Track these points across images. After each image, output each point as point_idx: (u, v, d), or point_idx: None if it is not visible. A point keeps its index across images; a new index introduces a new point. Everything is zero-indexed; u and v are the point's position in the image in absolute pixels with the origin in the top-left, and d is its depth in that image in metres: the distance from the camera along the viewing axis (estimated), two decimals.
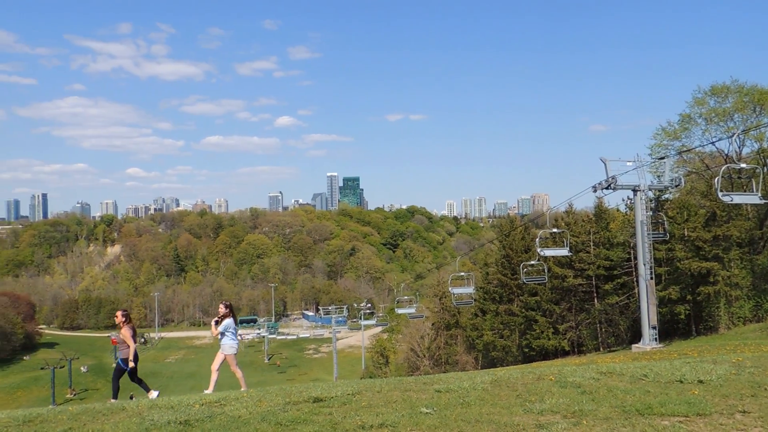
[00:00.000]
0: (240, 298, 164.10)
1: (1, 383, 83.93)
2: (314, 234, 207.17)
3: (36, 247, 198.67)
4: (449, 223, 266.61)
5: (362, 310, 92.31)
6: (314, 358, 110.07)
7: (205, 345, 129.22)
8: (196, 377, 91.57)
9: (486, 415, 7.01)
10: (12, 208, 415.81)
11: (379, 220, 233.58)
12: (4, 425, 7.87)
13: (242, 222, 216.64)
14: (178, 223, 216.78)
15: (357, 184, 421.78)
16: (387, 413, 7.28)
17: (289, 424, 6.92)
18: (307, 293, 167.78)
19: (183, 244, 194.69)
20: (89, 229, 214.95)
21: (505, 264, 49.06)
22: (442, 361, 56.10)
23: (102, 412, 8.53)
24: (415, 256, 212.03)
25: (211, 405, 8.54)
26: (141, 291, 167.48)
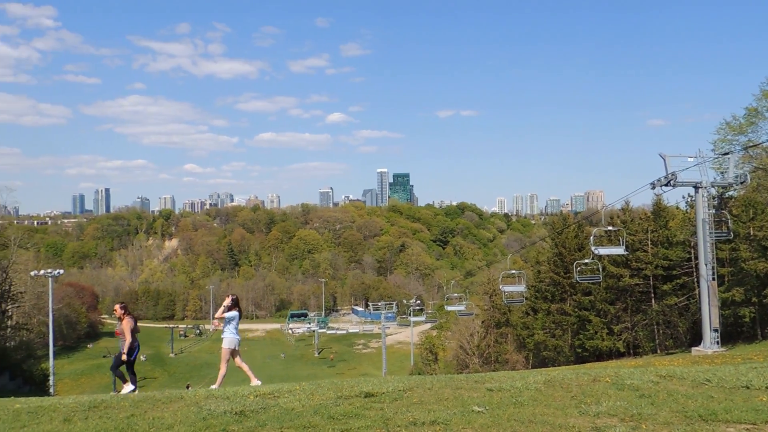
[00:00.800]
0: (291, 292, 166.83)
1: (67, 369, 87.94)
2: (364, 230, 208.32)
3: (99, 240, 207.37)
4: (500, 220, 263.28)
5: (411, 307, 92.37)
6: (363, 353, 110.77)
7: (257, 337, 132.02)
8: None
9: (540, 416, 6.89)
10: (77, 203, 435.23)
11: (428, 216, 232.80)
12: (72, 410, 8.25)
13: (294, 217, 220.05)
14: (232, 218, 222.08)
15: (407, 181, 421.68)
16: (438, 410, 7.25)
17: (341, 418, 6.98)
18: (356, 289, 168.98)
19: (237, 239, 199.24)
20: (148, 223, 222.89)
21: (557, 262, 48.09)
22: (492, 359, 55.52)
23: (161, 400, 8.83)
24: (465, 253, 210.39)
25: (264, 396, 8.71)
26: (197, 284, 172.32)
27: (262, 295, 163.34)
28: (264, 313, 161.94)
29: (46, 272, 48.04)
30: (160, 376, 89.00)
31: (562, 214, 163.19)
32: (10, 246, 59.29)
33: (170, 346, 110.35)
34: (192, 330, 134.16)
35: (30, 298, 63.03)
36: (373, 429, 6.49)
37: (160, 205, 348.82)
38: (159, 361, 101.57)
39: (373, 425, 6.63)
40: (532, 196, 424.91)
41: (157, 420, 7.25)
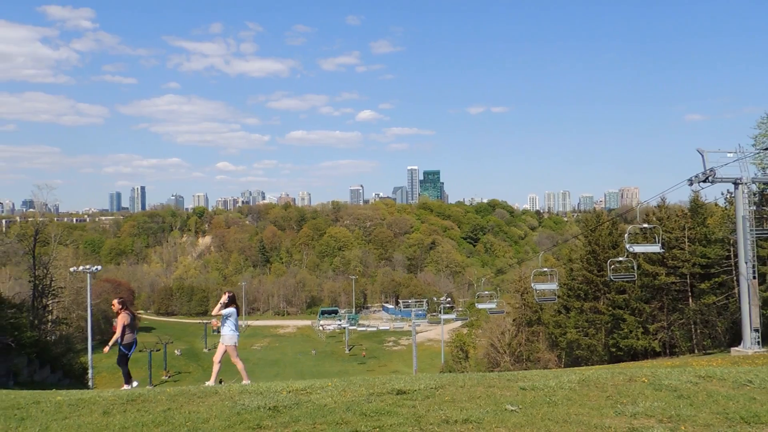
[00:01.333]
0: (322, 289, 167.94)
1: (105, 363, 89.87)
2: (394, 227, 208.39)
3: (135, 237, 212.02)
4: (531, 217, 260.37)
5: (442, 304, 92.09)
6: (394, 350, 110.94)
7: (288, 334, 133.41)
8: (279, 364, 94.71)
9: (574, 416, 6.79)
10: (114, 200, 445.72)
11: (459, 213, 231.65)
12: (111, 403, 8.46)
13: (324, 215, 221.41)
14: (264, 216, 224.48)
15: (437, 178, 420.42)
16: (471, 409, 7.21)
17: (374, 415, 6.99)
18: (387, 286, 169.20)
19: (268, 236, 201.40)
20: (182, 221, 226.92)
21: (590, 260, 47.36)
22: (524, 358, 55.00)
23: (197, 394, 8.98)
24: (496, 250, 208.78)
25: (297, 392, 8.78)
26: (229, 280, 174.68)
27: (293, 292, 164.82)
28: (295, 309, 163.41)
29: (85, 268, 49.29)
30: (194, 371, 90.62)
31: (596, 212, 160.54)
32: (51, 243, 60.95)
33: (203, 341, 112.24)
34: None
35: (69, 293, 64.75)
36: (406, 426, 6.49)
37: (194, 203, 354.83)
38: (193, 356, 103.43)
39: (406, 422, 6.63)
40: (565, 193, 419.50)
41: (192, 414, 7.38)
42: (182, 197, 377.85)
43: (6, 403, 9.04)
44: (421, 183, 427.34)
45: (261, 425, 6.69)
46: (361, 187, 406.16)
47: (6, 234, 76.77)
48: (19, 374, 34.67)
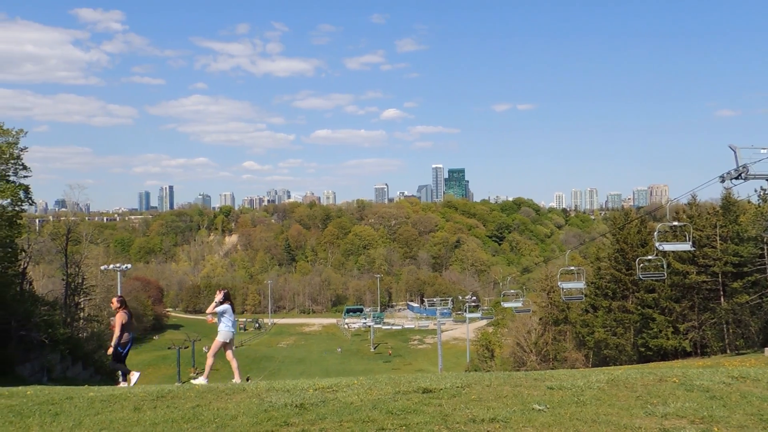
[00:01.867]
0: (347, 287, 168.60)
1: (135, 360, 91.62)
2: (419, 226, 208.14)
3: (164, 235, 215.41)
4: (557, 215, 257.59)
5: (467, 303, 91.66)
6: (419, 349, 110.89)
7: (314, 332, 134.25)
8: (305, 362, 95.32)
9: (603, 416, 6.70)
10: (143, 200, 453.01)
11: (484, 212, 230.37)
12: (141, 399, 8.61)
13: (349, 213, 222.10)
14: (290, 214, 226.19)
15: (462, 176, 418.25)
16: (498, 408, 7.16)
17: (400, 413, 7.00)
18: (411, 284, 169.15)
19: (294, 235, 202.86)
20: (209, 220, 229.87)
21: (618, 258, 46.71)
22: (550, 357, 54.50)
23: (225, 391, 9.09)
24: (522, 249, 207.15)
25: (323, 390, 8.83)
26: (255, 279, 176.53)
27: (318, 290, 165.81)
28: (320, 308, 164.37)
29: (115, 267, 50.18)
30: (222, 368, 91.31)
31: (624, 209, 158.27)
32: (82, 241, 62.24)
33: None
34: (251, 324, 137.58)
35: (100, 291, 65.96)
36: (432, 425, 6.48)
37: (221, 202, 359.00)
38: (220, 353, 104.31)
39: (432, 421, 6.62)
40: (592, 190, 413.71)
41: (221, 411, 7.47)
42: (209, 196, 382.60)
43: (41, 398, 9.26)
44: (446, 181, 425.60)
45: (288, 422, 6.74)
46: (385, 186, 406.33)
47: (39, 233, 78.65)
48: (53, 370, 35.53)
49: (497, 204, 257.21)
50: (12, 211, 38.89)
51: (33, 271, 57.61)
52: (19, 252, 41.45)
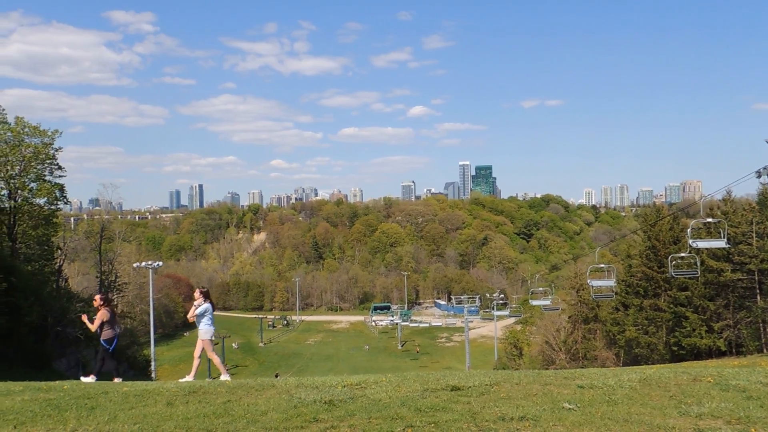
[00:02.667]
0: (374, 285, 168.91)
1: (166, 356, 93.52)
2: (446, 223, 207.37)
3: (194, 233, 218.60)
4: (587, 212, 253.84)
5: (495, 301, 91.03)
6: (446, 347, 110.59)
7: (341, 329, 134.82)
8: (333, 359, 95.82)
9: (636, 416, 6.60)
10: (174, 198, 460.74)
11: (512, 209, 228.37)
12: (174, 394, 8.77)
13: (376, 211, 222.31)
14: (317, 212, 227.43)
15: (489, 173, 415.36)
16: (527, 406, 7.11)
17: (429, 411, 7.00)
18: (439, 282, 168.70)
19: (321, 232, 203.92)
20: (238, 218, 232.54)
21: (650, 256, 45.86)
22: (580, 355, 53.81)
23: (255, 387, 9.20)
24: (550, 246, 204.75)
25: (352, 387, 8.87)
26: (283, 276, 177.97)
27: (345, 288, 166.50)
28: (348, 305, 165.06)
29: (147, 264, 51.13)
30: (251, 364, 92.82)
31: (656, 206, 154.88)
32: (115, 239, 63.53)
33: (260, 335, 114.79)
34: (280, 321, 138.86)
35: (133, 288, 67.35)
36: (461, 423, 6.46)
37: (249, 200, 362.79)
38: (249, 349, 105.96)
39: (461, 419, 6.60)
40: (623, 187, 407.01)
41: (251, 406, 7.57)
42: (238, 194, 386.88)
43: (77, 392, 9.50)
44: (473, 178, 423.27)
45: (317, 418, 6.79)
46: (412, 183, 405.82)
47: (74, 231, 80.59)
48: (88, 365, 36.35)
49: (525, 201, 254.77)
50: (48, 210, 39.92)
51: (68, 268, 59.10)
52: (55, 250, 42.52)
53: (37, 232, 39.34)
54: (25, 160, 37.26)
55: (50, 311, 32.54)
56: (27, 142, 37.58)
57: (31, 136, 37.90)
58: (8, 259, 30.27)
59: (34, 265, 37.79)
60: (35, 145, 37.90)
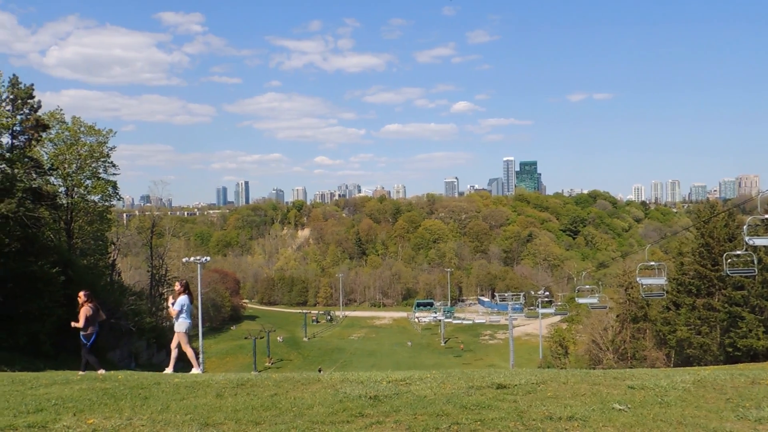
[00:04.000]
0: (417, 281, 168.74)
1: (214, 349, 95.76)
2: (490, 219, 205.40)
3: (240, 229, 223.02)
4: (636, 208, 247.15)
5: (540, 298, 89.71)
6: (490, 344, 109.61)
7: (384, 325, 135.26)
8: (376, 355, 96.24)
9: (690, 418, 6.40)
10: (221, 195, 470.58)
11: (557, 205, 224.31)
12: (223, 386, 8.97)
13: (419, 207, 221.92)
14: (360, 209, 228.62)
15: (534, 169, 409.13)
16: (576, 406, 6.98)
17: (474, 409, 6.94)
18: (482, 279, 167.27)
19: (364, 229, 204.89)
20: (283, 214, 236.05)
21: (703, 254, 44.30)
22: (628, 355, 52.46)
23: (301, 381, 9.32)
24: (598, 243, 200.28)
25: (397, 383, 8.88)
26: (327, 272, 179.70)
27: (388, 284, 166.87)
28: (391, 301, 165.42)
29: (196, 259, 52.38)
30: (295, 359, 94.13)
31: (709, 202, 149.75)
32: (165, 235, 65.38)
33: (303, 330, 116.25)
34: (323, 316, 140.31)
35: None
36: (507, 421, 6.39)
37: (293, 197, 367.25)
38: (294, 344, 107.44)
39: (507, 417, 6.53)
40: (674, 182, 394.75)
41: (298, 400, 7.67)
42: (282, 191, 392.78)
43: (131, 382, 9.83)
44: (518, 174, 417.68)
45: (363, 413, 6.83)
46: (455, 180, 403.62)
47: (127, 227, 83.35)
48: (140, 356, 37.57)
49: (571, 197, 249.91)
50: (102, 206, 41.39)
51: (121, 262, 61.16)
52: (109, 245, 44.06)
53: (92, 227, 40.86)
54: (81, 158, 38.71)
55: (104, 304, 33.64)
56: (83, 141, 39.05)
57: (87, 135, 39.37)
58: (66, 253, 31.49)
59: (89, 260, 39.26)
60: (90, 144, 39.34)
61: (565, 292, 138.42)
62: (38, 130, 33.06)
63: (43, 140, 35.87)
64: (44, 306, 24.02)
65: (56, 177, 37.11)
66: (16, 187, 25.75)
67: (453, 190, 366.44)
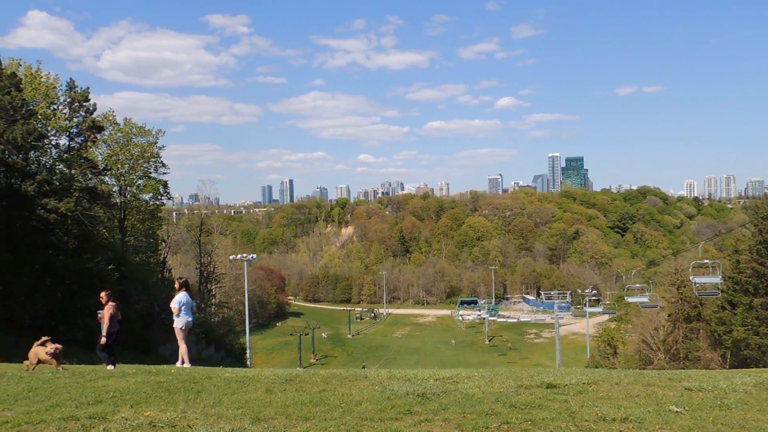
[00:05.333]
0: (461, 279, 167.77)
1: (260, 345, 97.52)
2: (535, 216, 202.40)
3: (285, 227, 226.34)
4: (688, 204, 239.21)
5: (587, 297, 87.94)
6: (535, 343, 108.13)
7: (428, 323, 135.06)
8: (420, 353, 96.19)
9: (752, 422, 6.15)
10: (266, 193, 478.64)
11: (605, 201, 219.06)
12: (272, 382, 9.11)
13: (463, 204, 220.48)
14: (403, 206, 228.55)
15: (581, 165, 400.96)
16: (630, 407, 6.80)
17: (524, 408, 6.84)
18: (527, 277, 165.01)
19: (407, 226, 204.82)
20: (327, 212, 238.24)
21: (762, 251, 42.56)
22: (681, 356, 50.86)
23: (348, 378, 9.38)
24: (647, 240, 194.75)
25: (444, 381, 8.84)
26: (371, 269, 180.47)
27: (432, 282, 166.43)
28: (434, 299, 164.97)
29: (242, 256, 53.41)
30: (340, 355, 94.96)
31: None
32: (213, 233, 66.85)
33: (348, 327, 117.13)
34: (367, 313, 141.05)
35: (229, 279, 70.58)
36: (559, 422, 6.27)
37: (337, 194, 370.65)
38: (338, 341, 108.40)
39: (558, 417, 6.40)
40: (729, 177, 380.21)
41: (346, 396, 7.71)
42: (326, 189, 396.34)
43: (183, 376, 10.10)
44: (563, 170, 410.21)
45: (411, 411, 6.81)
46: (499, 176, 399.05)
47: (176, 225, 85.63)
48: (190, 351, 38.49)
49: (619, 193, 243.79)
50: (153, 205, 42.65)
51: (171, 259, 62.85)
52: (160, 242, 45.34)
53: (144, 225, 42.16)
54: (133, 158, 40.00)
55: (156, 300, 34.73)
56: (134, 142, 40.34)
57: (138, 136, 40.64)
58: (119, 250, 32.56)
59: (141, 257, 40.52)
60: (142, 144, 40.59)
61: (613, 290, 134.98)
62: (93, 132, 34.28)
63: (98, 141, 37.17)
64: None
65: (110, 176, 38.44)
66: (73, 186, 26.76)
67: (497, 187, 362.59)
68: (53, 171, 28.76)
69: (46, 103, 32.74)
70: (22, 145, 24.47)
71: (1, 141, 23.46)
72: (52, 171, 28.50)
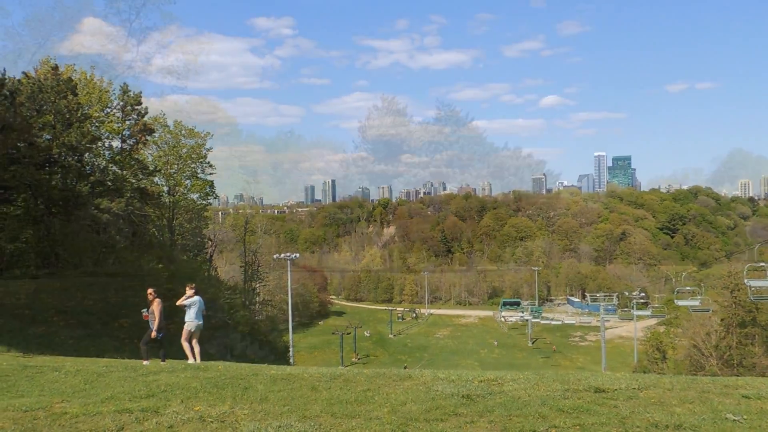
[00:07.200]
0: (503, 280, 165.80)
1: (303, 343, 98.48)
2: (580, 217, 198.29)
3: (327, 227, 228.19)
4: (743, 205, 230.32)
5: (634, 299, 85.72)
6: (580, 346, 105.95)
7: (470, 324, 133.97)
8: (460, 354, 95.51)
9: None
10: (309, 193, 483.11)
11: (654, 202, 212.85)
12: (317, 380, 9.20)
13: (505, 205, 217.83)
14: (445, 206, 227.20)
15: (628, 164, 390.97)
16: (683, 414, 6.59)
17: (572, 412, 6.72)
18: (572, 278, 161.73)
19: (449, 226, 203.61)
20: (368, 212, 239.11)
21: None
22: (734, 362, 49.08)
23: (392, 377, 9.39)
24: (699, 242, 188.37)
25: (489, 383, 8.75)
26: (412, 269, 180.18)
27: (474, 282, 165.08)
28: (476, 300, 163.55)
29: (286, 256, 54.23)
30: (381, 355, 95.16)
31: None
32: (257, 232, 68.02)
33: (389, 327, 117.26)
34: (409, 313, 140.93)
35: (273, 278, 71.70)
36: (609, 427, 6.13)
37: (379, 194, 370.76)
38: (380, 340, 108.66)
39: (608, 423, 6.26)
40: None
41: (390, 396, 7.73)
42: (368, 189, 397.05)
43: (231, 373, 10.30)
44: (610, 170, 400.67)
45: (456, 412, 6.78)
46: (543, 176, 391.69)
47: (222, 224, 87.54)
48: (235, 348, 39.26)
49: (669, 193, 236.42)
50: (200, 205, 43.70)
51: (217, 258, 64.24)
52: (207, 241, 46.41)
53: (192, 225, 43.23)
54: (181, 159, 41.06)
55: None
56: (183, 143, 41.40)
57: (187, 138, 41.70)
58: (168, 249, 33.47)
59: (188, 255, 41.57)
60: (190, 146, 41.64)
61: (662, 293, 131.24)
62: (145, 134, 35.34)
63: (148, 143, 38.31)
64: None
65: (160, 177, 39.55)
66: (125, 187, 27.66)
67: (541, 187, 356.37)
68: (106, 172, 29.82)
69: (100, 107, 33.92)
70: (77, 148, 25.42)
71: (58, 144, 24.42)
72: (105, 172, 29.55)
